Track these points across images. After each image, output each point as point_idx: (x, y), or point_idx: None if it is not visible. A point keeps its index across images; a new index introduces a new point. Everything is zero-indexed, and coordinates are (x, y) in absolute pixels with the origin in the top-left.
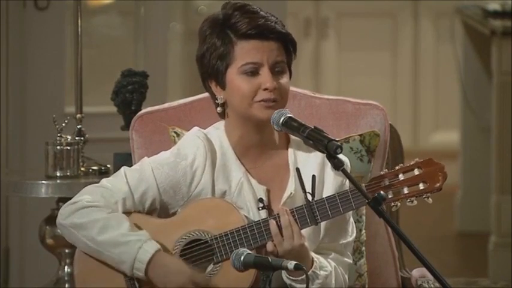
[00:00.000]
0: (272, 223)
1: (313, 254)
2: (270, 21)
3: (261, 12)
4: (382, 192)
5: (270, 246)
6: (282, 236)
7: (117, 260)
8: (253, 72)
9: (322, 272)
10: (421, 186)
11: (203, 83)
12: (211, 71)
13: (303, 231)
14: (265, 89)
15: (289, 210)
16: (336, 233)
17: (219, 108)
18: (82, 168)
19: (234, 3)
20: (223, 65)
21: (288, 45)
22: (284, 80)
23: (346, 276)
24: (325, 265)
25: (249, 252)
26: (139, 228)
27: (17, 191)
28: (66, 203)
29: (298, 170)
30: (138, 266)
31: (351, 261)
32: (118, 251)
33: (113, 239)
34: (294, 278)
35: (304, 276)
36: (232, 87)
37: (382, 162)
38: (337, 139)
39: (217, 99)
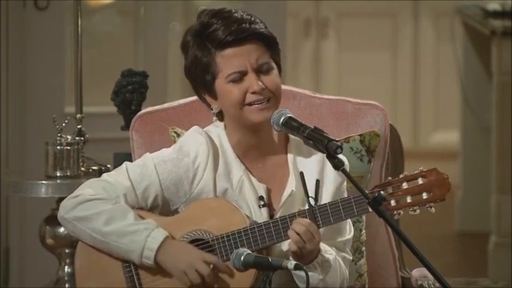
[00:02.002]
0: (292, 233)
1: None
2: (244, 23)
3: (235, 15)
4: (382, 192)
5: (293, 246)
6: (304, 240)
7: (126, 249)
8: (239, 78)
9: (329, 256)
10: (425, 195)
11: (197, 94)
12: (201, 83)
13: None
14: (253, 93)
15: (291, 214)
16: (332, 232)
17: (214, 118)
18: (82, 168)
19: (209, 10)
20: (209, 76)
21: (266, 42)
22: (272, 75)
23: (347, 271)
24: (328, 249)
25: (249, 252)
26: None
27: (17, 191)
28: (68, 197)
29: (302, 174)
30: (147, 254)
31: (350, 258)
32: (126, 241)
33: (119, 229)
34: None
35: (315, 262)
36: (223, 96)
37: (382, 162)
38: (337, 139)
39: (212, 109)
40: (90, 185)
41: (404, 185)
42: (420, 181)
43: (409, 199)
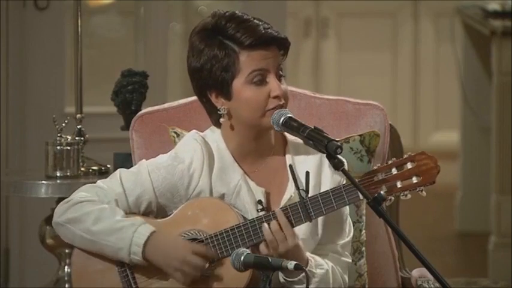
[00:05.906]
0: (265, 229)
1: (308, 254)
2: (267, 29)
3: (255, 20)
4: (382, 192)
5: (263, 248)
6: (276, 239)
7: (114, 247)
8: (261, 80)
9: (318, 270)
10: (415, 179)
11: (200, 94)
12: (213, 82)
13: (300, 230)
14: (275, 97)
15: (283, 207)
16: (332, 234)
17: (221, 119)
18: (82, 168)
19: (221, 13)
20: (228, 75)
21: (283, 50)
22: (284, 83)
23: (346, 277)
24: (321, 263)
25: (249, 252)
26: None
27: (17, 191)
28: (61, 202)
29: (291, 166)
30: (135, 250)
31: (349, 261)
32: (114, 238)
33: (107, 227)
34: (291, 279)
35: (302, 276)
36: (241, 98)
37: (382, 163)
38: (337, 139)
39: (219, 110)
40: (83, 189)
41: (394, 171)
42: (409, 165)
43: (399, 184)
